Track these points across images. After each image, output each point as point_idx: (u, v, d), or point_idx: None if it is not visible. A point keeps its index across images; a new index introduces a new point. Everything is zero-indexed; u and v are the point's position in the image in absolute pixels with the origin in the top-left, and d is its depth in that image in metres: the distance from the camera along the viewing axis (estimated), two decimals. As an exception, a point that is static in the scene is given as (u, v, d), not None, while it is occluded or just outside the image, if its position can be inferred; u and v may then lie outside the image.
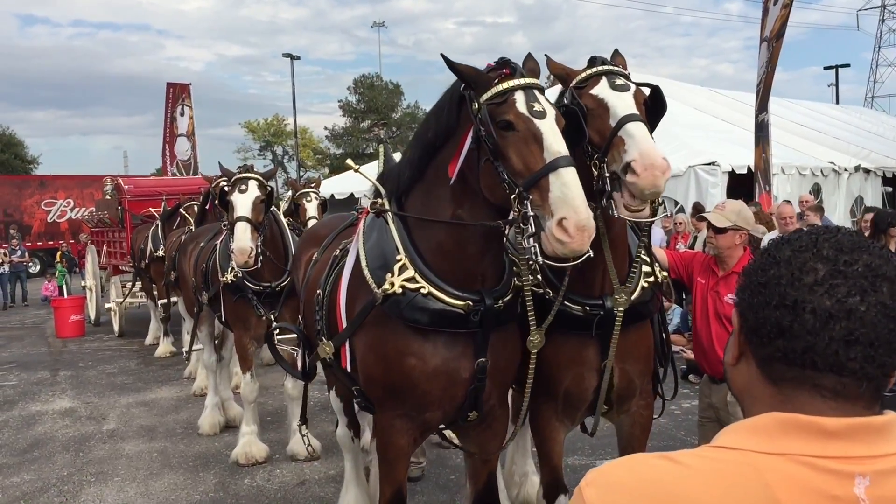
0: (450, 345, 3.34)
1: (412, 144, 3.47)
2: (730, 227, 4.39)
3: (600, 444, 6.62)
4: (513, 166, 2.89)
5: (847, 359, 1.05)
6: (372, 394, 3.62)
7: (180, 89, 26.36)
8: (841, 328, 1.05)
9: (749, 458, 1.05)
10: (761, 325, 1.12)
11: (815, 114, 24.01)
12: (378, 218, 3.56)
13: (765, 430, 1.07)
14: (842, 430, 1.04)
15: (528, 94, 2.97)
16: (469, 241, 3.27)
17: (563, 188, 2.76)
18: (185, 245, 8.69)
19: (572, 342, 3.56)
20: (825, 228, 1.16)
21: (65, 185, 30.86)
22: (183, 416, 8.63)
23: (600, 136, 3.22)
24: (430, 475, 6.27)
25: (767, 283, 1.12)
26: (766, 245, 1.20)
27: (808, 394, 1.09)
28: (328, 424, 7.30)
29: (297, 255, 5.42)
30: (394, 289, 3.29)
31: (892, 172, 18.01)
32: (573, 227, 2.71)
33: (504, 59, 3.11)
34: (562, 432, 3.89)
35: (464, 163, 3.11)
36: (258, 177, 6.55)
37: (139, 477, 6.67)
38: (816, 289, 1.07)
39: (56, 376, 11.27)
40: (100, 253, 16.04)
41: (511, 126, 2.92)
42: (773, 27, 11.71)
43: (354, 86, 56.73)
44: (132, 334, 14.24)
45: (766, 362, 1.13)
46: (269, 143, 59.49)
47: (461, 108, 3.13)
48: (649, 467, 1.09)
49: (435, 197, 3.32)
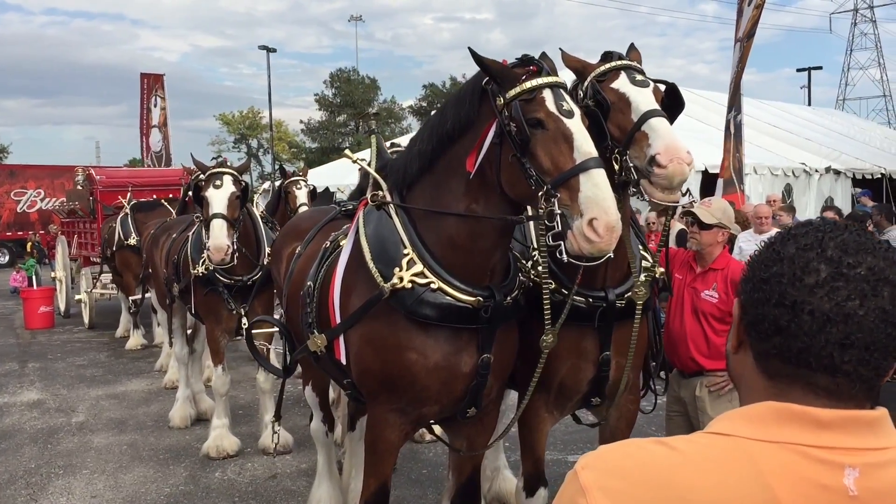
0: (451, 340, 3.32)
1: (424, 137, 3.41)
2: (715, 224, 4.42)
3: (572, 440, 6.68)
4: (541, 164, 2.89)
5: (842, 361, 1.07)
6: (366, 387, 3.58)
7: (154, 80, 26.13)
8: (837, 332, 1.06)
9: (743, 445, 1.07)
10: (760, 320, 1.13)
11: (788, 115, 24.27)
12: (378, 210, 3.52)
13: (759, 418, 1.09)
14: (835, 421, 1.06)
15: (556, 93, 2.98)
16: (483, 235, 3.25)
17: (595, 189, 2.78)
18: (157, 236, 8.62)
19: (571, 333, 3.56)
20: (833, 225, 1.15)
21: (35, 174, 30.39)
22: (153, 409, 8.56)
23: (621, 130, 3.25)
24: (403, 469, 6.27)
25: (769, 279, 1.12)
26: (772, 238, 1.20)
27: (801, 391, 1.10)
28: (301, 418, 7.28)
29: (276, 249, 5.37)
30: (403, 283, 3.26)
31: (863, 174, 18.27)
32: (603, 228, 2.73)
33: (528, 56, 3.11)
34: (548, 424, 3.89)
35: (483, 157, 3.10)
36: (233, 172, 6.50)
37: (108, 470, 6.61)
38: (817, 291, 1.08)
39: (24, 368, 11.12)
40: (70, 244, 15.86)
41: (541, 124, 2.92)
42: (745, 27, 11.83)
43: (331, 79, 56.55)
44: (103, 326, 14.09)
45: (762, 356, 1.14)
46: (244, 135, 59.08)
47: (482, 102, 3.12)
48: (646, 452, 1.10)
49: (446, 190, 3.28)
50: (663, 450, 1.09)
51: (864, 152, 20.87)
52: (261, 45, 39.78)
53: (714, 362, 4.32)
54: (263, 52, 39.81)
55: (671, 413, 4.74)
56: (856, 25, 64.28)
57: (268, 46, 39.87)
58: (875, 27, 63.91)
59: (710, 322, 4.38)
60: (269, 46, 39.90)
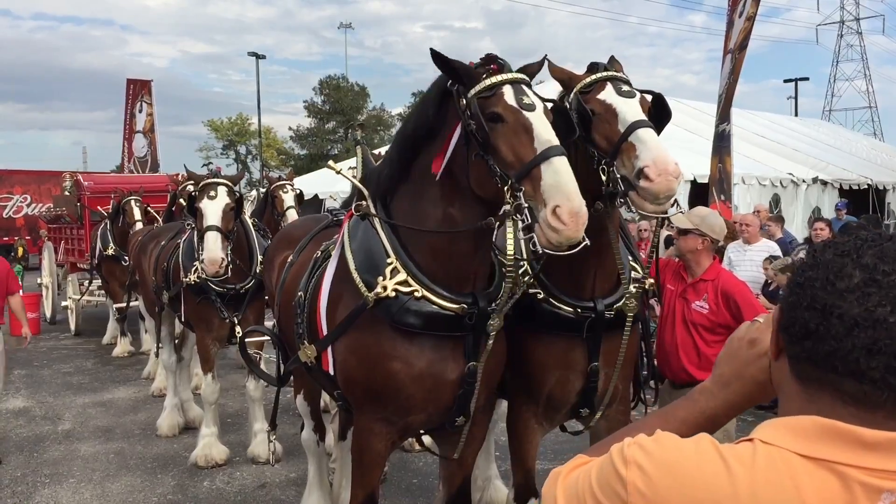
0: (437, 348, 3.31)
1: (393, 141, 3.42)
2: (692, 230, 4.43)
3: (562, 450, 6.66)
4: (504, 158, 2.87)
5: (868, 367, 1.06)
6: (352, 397, 3.57)
7: (140, 86, 26.03)
8: (865, 336, 1.06)
9: (785, 457, 1.07)
10: (792, 323, 1.14)
11: (775, 125, 24.43)
12: (363, 220, 3.51)
13: (804, 432, 1.09)
14: (879, 442, 1.05)
15: (516, 88, 2.97)
16: (461, 239, 3.24)
17: (556, 176, 2.75)
18: (145, 244, 8.57)
19: (560, 344, 3.55)
20: (876, 235, 1.15)
21: (22, 180, 30.20)
22: (141, 417, 8.49)
23: (608, 141, 3.22)
24: (393, 479, 6.24)
25: (804, 283, 1.13)
26: (815, 245, 1.20)
27: (829, 397, 1.10)
28: (289, 427, 7.24)
29: (269, 257, 5.35)
30: (386, 292, 3.25)
31: (849, 185, 18.40)
32: (566, 214, 2.69)
33: (491, 55, 3.09)
34: (539, 435, 3.88)
35: (451, 159, 3.09)
36: (227, 183, 6.46)
37: (95, 478, 6.55)
38: (847, 295, 1.08)
39: (10, 375, 10.98)
40: (57, 250, 15.74)
41: (500, 118, 2.90)
42: (737, 39, 11.88)
43: (320, 86, 56.49)
44: (89, 333, 13.97)
45: (795, 360, 1.15)
46: (233, 142, 58.90)
47: (447, 103, 3.11)
48: (692, 455, 1.12)
49: (424, 198, 3.28)
50: (711, 453, 1.11)
51: (850, 163, 21.04)
52: (250, 51, 39.87)
53: (705, 373, 4.31)
54: (253, 58, 39.89)
55: (663, 424, 4.73)
56: (842, 37, 64.79)
57: (257, 53, 39.91)
58: (861, 39, 64.48)
59: (700, 333, 4.39)
60: (258, 53, 39.94)
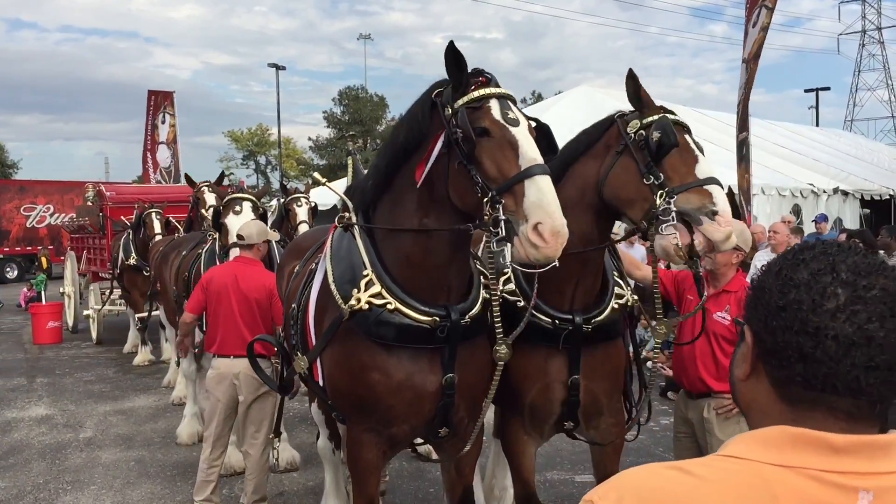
0: (415, 359, 3.33)
1: (380, 153, 3.46)
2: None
3: (579, 460, 6.65)
4: (486, 171, 2.90)
5: (867, 384, 1.08)
6: (340, 408, 3.62)
7: (163, 97, 26.21)
8: (862, 355, 1.07)
9: (758, 469, 1.08)
10: (781, 349, 1.13)
11: (796, 136, 24.25)
12: (346, 232, 3.55)
13: (774, 442, 1.10)
14: (849, 446, 1.07)
15: (502, 103, 3.01)
16: (435, 249, 3.25)
17: (539, 194, 2.78)
18: (167, 254, 8.65)
19: (539, 354, 3.58)
20: (837, 248, 1.16)
21: (45, 190, 30.55)
22: (161, 426, 8.57)
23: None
24: (409, 488, 6.26)
25: (787, 306, 1.13)
26: (775, 264, 1.20)
27: (822, 415, 1.12)
28: (308, 435, 7.28)
29: (280, 267, 5.41)
30: (360, 304, 3.28)
31: (871, 195, 18.23)
32: (548, 232, 2.72)
33: (478, 69, 3.12)
34: (531, 446, 3.90)
35: (432, 168, 3.11)
36: (252, 198, 6.51)
37: (116, 486, 6.62)
38: (839, 315, 1.09)
39: (33, 383, 11.15)
40: (79, 259, 15.91)
41: (486, 132, 2.93)
42: (752, 49, 11.87)
43: (339, 97, 56.83)
44: (110, 342, 14.11)
45: (782, 383, 1.15)
46: (253, 152, 59.34)
47: (433, 113, 3.14)
48: (662, 478, 1.12)
49: (401, 207, 3.30)
50: (679, 475, 1.11)
51: (872, 173, 20.84)
52: (270, 62, 40.12)
53: (722, 384, 4.31)
54: (273, 69, 40.17)
55: (679, 434, 4.73)
56: (864, 47, 64.48)
57: (277, 64, 40.22)
58: (883, 48, 64.14)
59: (720, 343, 4.38)
60: (277, 64, 40.26)
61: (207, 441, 5.66)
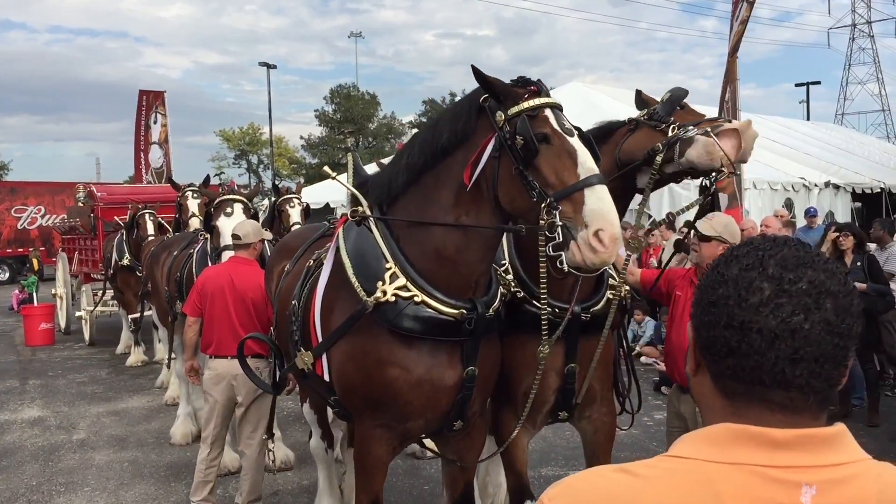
0: (435, 353, 3.35)
1: (415, 151, 3.39)
2: (714, 237, 4.44)
3: (573, 456, 6.67)
4: (545, 178, 2.96)
5: (794, 376, 1.09)
6: (350, 404, 3.61)
7: (154, 97, 26.08)
8: (786, 347, 1.09)
9: (701, 468, 1.09)
10: (712, 343, 1.15)
11: (787, 129, 24.32)
12: (358, 226, 3.54)
13: (718, 439, 1.11)
14: (790, 440, 1.08)
15: (556, 113, 3.08)
16: (471, 247, 3.29)
17: (600, 202, 2.86)
18: (158, 254, 8.63)
19: (535, 343, 3.59)
20: (772, 243, 1.18)
21: (36, 191, 30.41)
22: (154, 426, 8.55)
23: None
24: (405, 486, 6.27)
25: (716, 302, 1.15)
26: (716, 261, 1.22)
27: (757, 408, 1.12)
28: (301, 434, 7.27)
29: (269, 267, 5.40)
30: (386, 297, 3.28)
31: (862, 188, 18.30)
32: (608, 238, 2.80)
33: (525, 77, 3.18)
34: (523, 437, 3.92)
35: (480, 170, 3.15)
36: (243, 199, 6.49)
37: (110, 487, 6.61)
38: (762, 309, 1.10)
39: (25, 385, 11.11)
40: (71, 260, 15.86)
41: (547, 139, 2.99)
42: (731, 42, 11.89)
43: (331, 95, 56.72)
44: (103, 343, 14.06)
45: (718, 377, 1.17)
46: (245, 151, 59.19)
47: (479, 117, 3.18)
48: (608, 481, 1.12)
49: (433, 202, 3.31)
50: (625, 477, 1.11)
51: (862, 166, 20.93)
52: (261, 61, 40.02)
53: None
54: (265, 68, 40.07)
55: (672, 429, 4.74)
56: (854, 41, 64.68)
57: (268, 63, 40.13)
58: (873, 42, 64.37)
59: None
60: (269, 63, 40.16)
61: (205, 442, 5.65)
